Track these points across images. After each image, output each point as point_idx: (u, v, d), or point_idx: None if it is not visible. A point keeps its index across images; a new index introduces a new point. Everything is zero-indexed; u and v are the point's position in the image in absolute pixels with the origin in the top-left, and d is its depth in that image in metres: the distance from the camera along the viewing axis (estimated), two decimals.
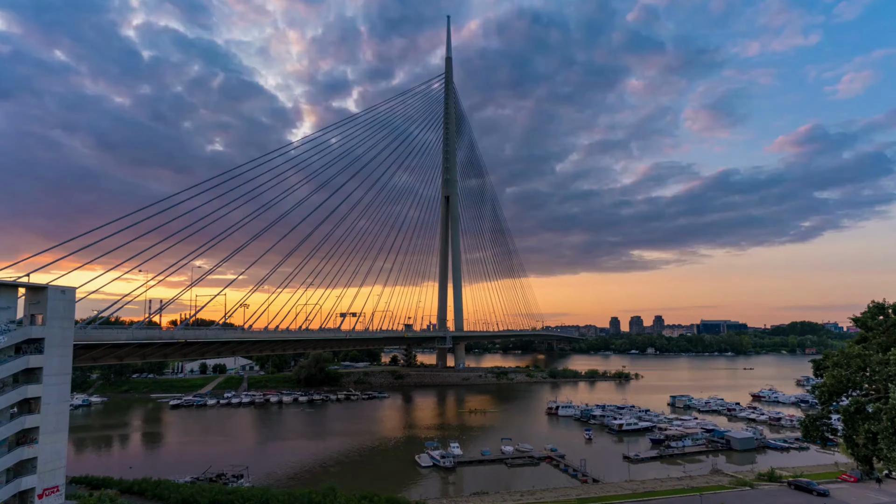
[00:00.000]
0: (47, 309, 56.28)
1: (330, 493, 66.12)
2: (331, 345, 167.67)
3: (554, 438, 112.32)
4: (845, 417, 72.66)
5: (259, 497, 66.24)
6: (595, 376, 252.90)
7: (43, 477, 54.55)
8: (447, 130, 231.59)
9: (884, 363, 69.15)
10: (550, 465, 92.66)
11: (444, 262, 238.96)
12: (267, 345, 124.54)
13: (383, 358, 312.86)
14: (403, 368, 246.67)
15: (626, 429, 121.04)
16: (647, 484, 77.21)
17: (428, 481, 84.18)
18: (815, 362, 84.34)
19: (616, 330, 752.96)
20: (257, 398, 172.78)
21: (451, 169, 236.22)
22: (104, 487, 74.87)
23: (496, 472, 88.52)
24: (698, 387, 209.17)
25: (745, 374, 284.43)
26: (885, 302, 79.87)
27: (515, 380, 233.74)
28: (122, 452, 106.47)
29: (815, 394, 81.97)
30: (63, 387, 57.66)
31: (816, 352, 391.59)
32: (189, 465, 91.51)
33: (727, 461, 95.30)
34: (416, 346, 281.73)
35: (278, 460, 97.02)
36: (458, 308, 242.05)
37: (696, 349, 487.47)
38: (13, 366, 53.29)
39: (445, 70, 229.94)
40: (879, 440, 64.45)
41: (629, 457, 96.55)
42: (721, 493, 70.77)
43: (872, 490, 72.94)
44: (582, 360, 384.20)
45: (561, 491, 74.29)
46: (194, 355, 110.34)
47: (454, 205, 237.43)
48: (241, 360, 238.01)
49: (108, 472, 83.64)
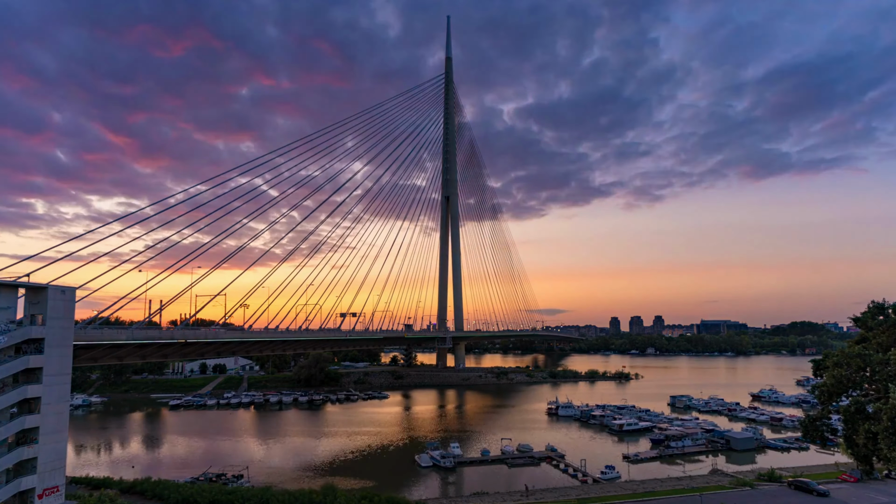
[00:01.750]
0: (47, 309, 56.20)
1: (330, 493, 66.09)
2: (331, 345, 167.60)
3: (554, 438, 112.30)
4: (845, 417, 72.80)
5: (259, 497, 66.22)
6: (595, 376, 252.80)
7: (43, 477, 54.49)
8: (447, 130, 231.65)
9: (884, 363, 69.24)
10: (550, 465, 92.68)
11: (444, 263, 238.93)
12: (267, 345, 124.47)
13: (383, 358, 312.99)
14: (403, 368, 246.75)
15: (626, 429, 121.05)
16: (647, 484, 77.20)
17: (428, 481, 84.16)
18: (815, 362, 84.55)
19: (616, 330, 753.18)
20: (257, 398, 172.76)
21: (451, 169, 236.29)
22: (104, 487, 74.86)
23: (496, 472, 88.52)
24: (698, 387, 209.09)
25: (745, 374, 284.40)
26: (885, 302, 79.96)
27: (515, 380, 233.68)
28: (122, 452, 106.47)
29: (815, 394, 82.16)
30: (63, 387, 57.59)
31: (816, 352, 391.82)
32: (189, 465, 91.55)
33: (727, 461, 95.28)
34: (416, 347, 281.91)
35: (278, 460, 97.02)
36: (458, 308, 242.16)
37: (696, 349, 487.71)
38: (13, 366, 53.25)
39: (445, 70, 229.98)
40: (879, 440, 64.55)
41: (629, 457, 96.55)
42: (721, 493, 70.74)
43: (872, 490, 72.92)
44: (582, 360, 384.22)
45: (561, 491, 74.29)
46: (194, 355, 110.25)
47: (454, 204, 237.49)
48: (241, 361, 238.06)
49: (108, 472, 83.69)
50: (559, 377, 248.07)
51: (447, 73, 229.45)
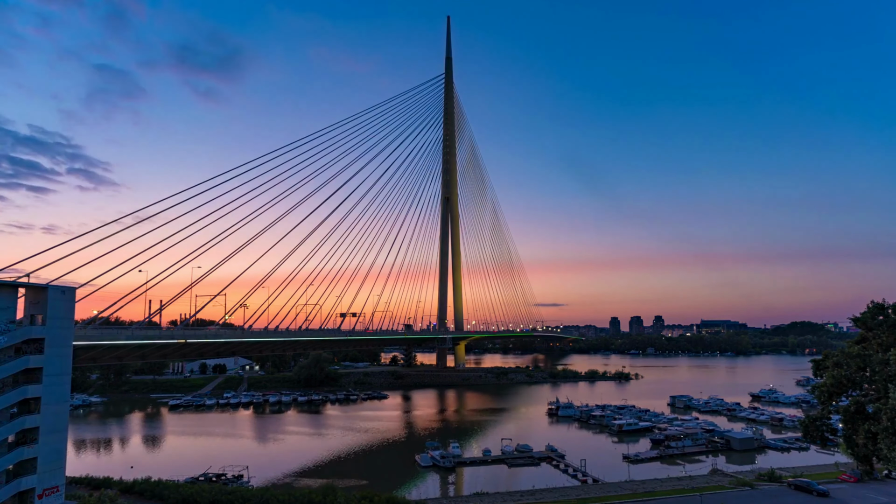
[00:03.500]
0: (47, 309, 56.19)
1: (330, 493, 66.07)
2: (330, 345, 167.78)
3: (554, 438, 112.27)
4: (845, 417, 72.90)
5: (259, 497, 66.18)
6: (595, 376, 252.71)
7: (43, 477, 54.45)
8: (447, 130, 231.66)
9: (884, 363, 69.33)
10: (550, 465, 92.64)
11: (444, 263, 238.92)
12: (266, 345, 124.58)
13: (383, 358, 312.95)
14: (403, 369, 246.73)
15: (626, 429, 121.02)
16: (647, 484, 77.19)
17: (428, 481, 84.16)
18: (815, 362, 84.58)
19: (616, 330, 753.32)
20: (257, 398, 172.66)
21: (451, 170, 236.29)
22: (104, 487, 74.73)
23: (496, 472, 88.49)
24: (698, 387, 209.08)
25: (744, 374, 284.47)
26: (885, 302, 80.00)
27: (515, 380, 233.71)
28: (122, 452, 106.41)
29: (815, 394, 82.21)
30: (63, 387, 57.56)
31: (816, 352, 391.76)
32: (189, 465, 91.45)
33: (727, 461, 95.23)
34: (416, 347, 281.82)
35: (278, 460, 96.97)
36: (457, 308, 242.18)
37: (696, 349, 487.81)
38: (13, 366, 53.25)
39: (445, 70, 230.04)
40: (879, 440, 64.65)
41: (629, 457, 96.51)
42: (721, 493, 70.71)
43: (872, 490, 72.91)
44: (582, 360, 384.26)
45: (561, 491, 74.26)
46: (193, 355, 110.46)
47: (454, 205, 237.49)
48: (241, 361, 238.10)
49: (108, 472, 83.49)
50: (559, 377, 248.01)
51: (447, 73, 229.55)
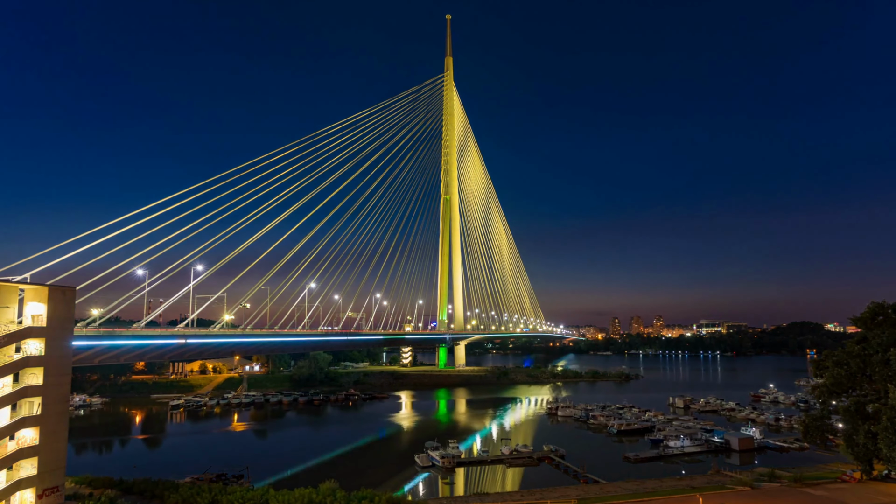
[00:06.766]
0: (47, 309, 56.28)
1: (330, 493, 66.02)
2: (331, 346, 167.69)
3: (554, 438, 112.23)
4: (845, 417, 72.77)
5: (259, 497, 66.13)
6: (595, 376, 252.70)
7: (43, 477, 54.51)
8: (447, 131, 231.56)
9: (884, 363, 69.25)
10: (550, 465, 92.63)
11: (445, 263, 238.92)
12: (266, 345, 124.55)
13: (383, 358, 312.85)
14: (403, 369, 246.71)
15: (625, 429, 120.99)
16: (647, 484, 77.14)
17: (428, 481, 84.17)
18: (814, 362, 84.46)
19: (616, 330, 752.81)
20: (257, 398, 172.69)
21: (451, 171, 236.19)
22: (104, 487, 74.75)
23: (496, 473, 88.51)
24: (698, 387, 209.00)
25: (745, 374, 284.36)
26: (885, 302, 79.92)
27: (515, 380, 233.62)
28: (122, 452, 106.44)
29: (814, 394, 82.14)
30: (63, 387, 57.64)
31: (816, 352, 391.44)
32: (189, 465, 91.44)
33: (727, 461, 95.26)
34: (417, 347, 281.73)
35: (278, 460, 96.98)
36: (458, 308, 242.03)
37: (696, 349, 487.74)
38: (13, 366, 53.31)
39: (445, 70, 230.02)
40: (879, 440, 64.56)
41: (629, 457, 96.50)
42: (721, 494, 70.67)
43: (872, 490, 72.88)
44: (582, 360, 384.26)
45: (561, 491, 74.23)
46: (193, 356, 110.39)
47: (454, 205, 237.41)
48: (241, 361, 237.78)
49: (108, 472, 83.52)
50: (559, 377, 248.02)
51: (447, 73, 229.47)
